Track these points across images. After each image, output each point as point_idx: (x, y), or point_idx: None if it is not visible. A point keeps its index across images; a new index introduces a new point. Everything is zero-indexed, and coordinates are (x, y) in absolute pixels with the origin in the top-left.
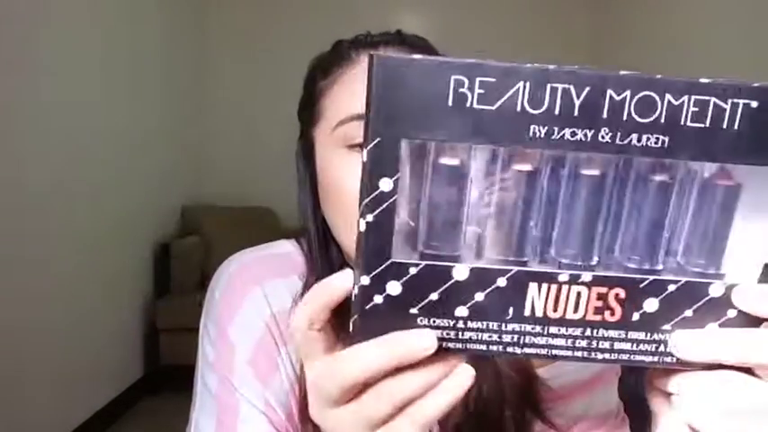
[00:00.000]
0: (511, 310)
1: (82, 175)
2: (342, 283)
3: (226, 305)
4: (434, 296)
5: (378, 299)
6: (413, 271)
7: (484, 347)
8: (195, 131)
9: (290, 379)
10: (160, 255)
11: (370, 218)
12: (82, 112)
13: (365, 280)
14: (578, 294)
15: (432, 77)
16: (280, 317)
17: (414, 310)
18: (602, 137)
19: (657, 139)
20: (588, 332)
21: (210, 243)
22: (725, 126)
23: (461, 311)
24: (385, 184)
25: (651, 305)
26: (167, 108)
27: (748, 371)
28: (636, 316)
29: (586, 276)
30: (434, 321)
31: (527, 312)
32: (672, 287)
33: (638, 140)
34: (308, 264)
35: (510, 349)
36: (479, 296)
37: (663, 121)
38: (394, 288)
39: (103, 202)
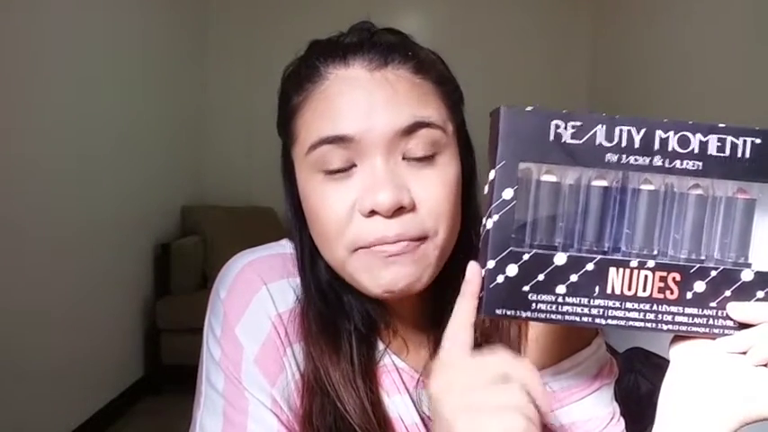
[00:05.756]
0: (597, 289)
1: (82, 175)
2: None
3: (232, 304)
4: (541, 277)
5: (500, 278)
6: (525, 257)
7: (577, 318)
8: (195, 131)
9: (295, 379)
10: (160, 255)
11: (496, 218)
12: (82, 112)
13: (491, 264)
14: (646, 277)
15: (539, 121)
16: (285, 316)
17: (526, 288)
18: (656, 162)
19: (694, 163)
20: (654, 307)
21: (210, 243)
22: (739, 156)
23: (561, 289)
24: (507, 194)
25: (700, 287)
26: (167, 108)
27: None
28: (689, 295)
29: (650, 263)
30: (541, 297)
31: (608, 290)
32: (713, 273)
33: (681, 164)
34: (300, 278)
35: (597, 320)
36: (574, 277)
37: (697, 151)
38: (512, 270)
39: (104, 203)
